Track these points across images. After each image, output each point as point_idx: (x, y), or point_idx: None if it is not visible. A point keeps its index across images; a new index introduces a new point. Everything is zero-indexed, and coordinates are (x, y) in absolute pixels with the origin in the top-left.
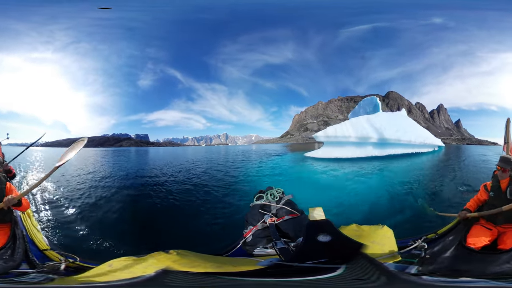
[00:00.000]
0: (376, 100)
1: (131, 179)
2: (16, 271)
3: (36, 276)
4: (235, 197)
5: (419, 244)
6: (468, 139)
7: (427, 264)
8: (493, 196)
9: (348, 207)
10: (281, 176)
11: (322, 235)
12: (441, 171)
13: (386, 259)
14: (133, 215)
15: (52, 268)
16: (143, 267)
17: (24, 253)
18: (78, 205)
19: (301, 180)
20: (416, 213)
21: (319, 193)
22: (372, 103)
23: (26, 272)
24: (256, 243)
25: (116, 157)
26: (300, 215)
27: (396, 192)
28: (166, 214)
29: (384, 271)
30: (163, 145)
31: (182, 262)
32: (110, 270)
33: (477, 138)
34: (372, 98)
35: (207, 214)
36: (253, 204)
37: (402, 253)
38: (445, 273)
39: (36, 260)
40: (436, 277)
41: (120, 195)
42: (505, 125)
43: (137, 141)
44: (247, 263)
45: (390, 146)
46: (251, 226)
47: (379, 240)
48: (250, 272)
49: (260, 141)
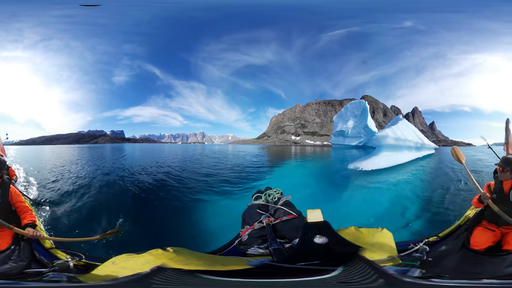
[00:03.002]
0: (364, 104)
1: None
2: (32, 271)
3: (54, 276)
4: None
5: (421, 247)
6: (443, 141)
7: (431, 267)
8: (495, 197)
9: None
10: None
11: (318, 236)
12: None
13: (385, 262)
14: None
15: (62, 267)
16: (141, 264)
17: (31, 252)
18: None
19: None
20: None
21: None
22: (360, 107)
23: (41, 272)
24: (251, 242)
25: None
26: (298, 216)
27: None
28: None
29: (383, 273)
30: (139, 141)
31: (177, 259)
32: (114, 267)
33: (451, 140)
34: (360, 101)
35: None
36: (251, 204)
37: (402, 256)
38: (454, 275)
39: (44, 259)
40: (446, 279)
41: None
42: (505, 125)
43: (113, 137)
44: (238, 262)
45: (421, 149)
46: (247, 226)
47: (378, 243)
48: (240, 272)
49: (237, 141)
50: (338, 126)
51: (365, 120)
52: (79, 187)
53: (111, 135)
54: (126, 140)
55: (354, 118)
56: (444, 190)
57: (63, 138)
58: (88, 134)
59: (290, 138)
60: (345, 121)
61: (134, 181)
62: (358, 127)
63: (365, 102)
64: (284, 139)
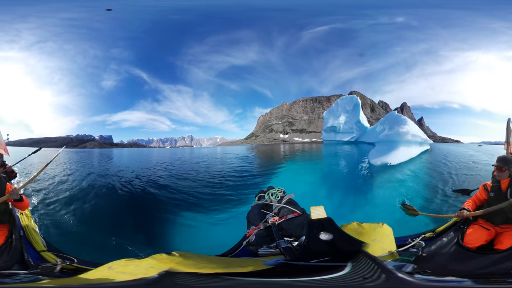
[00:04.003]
0: (356, 100)
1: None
2: (6, 272)
3: (24, 277)
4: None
5: (417, 242)
6: (432, 137)
7: (423, 262)
8: (493, 196)
9: None
10: None
11: (324, 233)
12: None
13: (385, 257)
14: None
15: (46, 270)
16: (144, 269)
17: (20, 254)
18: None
19: None
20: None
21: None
22: (352, 102)
23: (16, 273)
24: (259, 243)
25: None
26: (302, 214)
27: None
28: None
29: (385, 269)
30: (128, 146)
31: (187, 263)
32: (110, 272)
33: (440, 136)
34: (352, 97)
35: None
36: (255, 204)
37: (400, 251)
38: (438, 271)
39: (31, 261)
40: (426, 275)
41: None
42: (506, 125)
43: (101, 142)
44: (254, 263)
45: (423, 144)
46: (253, 226)
47: (379, 238)
48: (259, 272)
49: (225, 143)
50: (329, 122)
51: (357, 116)
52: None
53: (100, 140)
54: (114, 145)
55: (345, 113)
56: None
57: (51, 141)
58: (77, 138)
59: (278, 137)
60: (336, 117)
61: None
62: (350, 122)
63: (357, 98)
64: (273, 138)
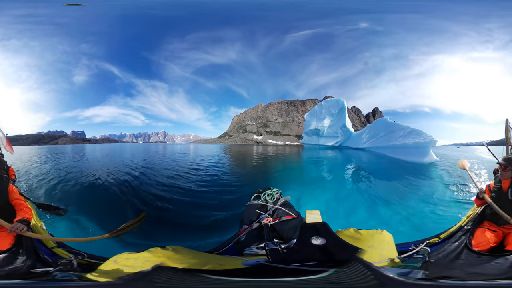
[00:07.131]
0: (343, 103)
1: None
2: (38, 271)
3: (62, 275)
4: None
5: (422, 248)
6: None
7: (434, 268)
8: (495, 197)
9: None
10: None
11: (316, 237)
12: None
13: (384, 264)
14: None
15: (66, 266)
16: (141, 262)
17: (34, 252)
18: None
19: None
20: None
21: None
22: (338, 106)
23: (48, 271)
24: (248, 242)
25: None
26: (297, 217)
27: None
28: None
29: (379, 275)
30: (100, 141)
31: (175, 258)
32: (117, 265)
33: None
34: (338, 100)
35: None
36: (250, 204)
37: (402, 258)
38: (461, 277)
39: (48, 259)
40: (451, 280)
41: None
42: (505, 125)
43: (73, 138)
44: (233, 262)
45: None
46: (245, 226)
47: (378, 244)
48: (235, 271)
49: (198, 140)
50: (312, 124)
51: (343, 120)
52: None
53: (72, 136)
54: (87, 140)
55: (330, 117)
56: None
57: (22, 139)
58: (48, 134)
59: (252, 138)
60: (320, 120)
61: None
62: (335, 126)
63: (343, 101)
64: (246, 139)
